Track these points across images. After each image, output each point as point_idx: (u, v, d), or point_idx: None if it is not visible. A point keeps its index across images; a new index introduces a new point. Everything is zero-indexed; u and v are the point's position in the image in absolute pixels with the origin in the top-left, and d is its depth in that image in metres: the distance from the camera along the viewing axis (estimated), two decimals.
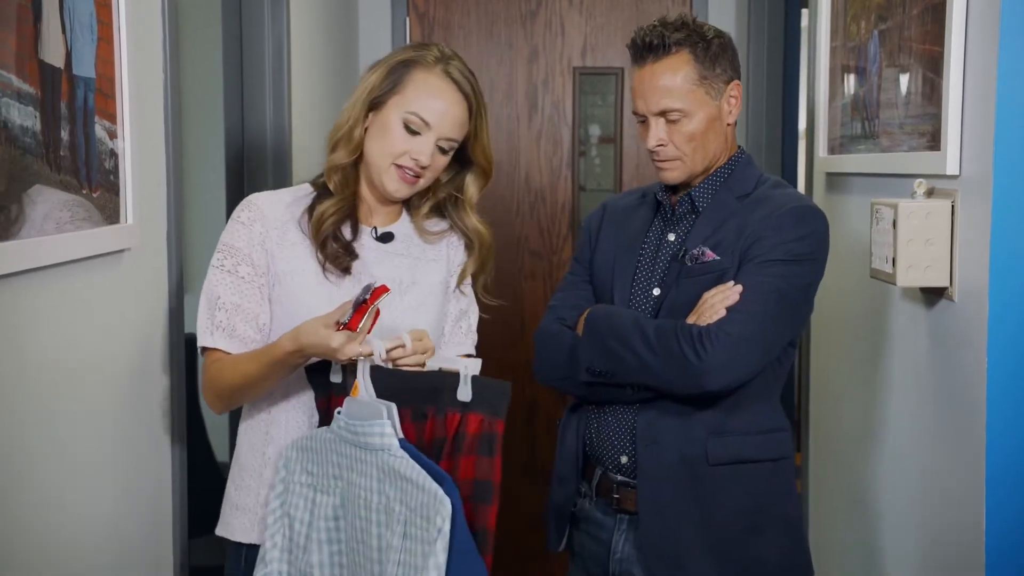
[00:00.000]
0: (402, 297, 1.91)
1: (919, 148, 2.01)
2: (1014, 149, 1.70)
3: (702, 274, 1.93)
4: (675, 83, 1.94)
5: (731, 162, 2.03)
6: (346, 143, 1.87)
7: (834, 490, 2.74)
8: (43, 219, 1.48)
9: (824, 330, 2.82)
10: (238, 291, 1.82)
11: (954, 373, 1.90)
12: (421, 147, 1.85)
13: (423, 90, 1.86)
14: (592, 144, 3.90)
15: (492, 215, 2.13)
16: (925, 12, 1.98)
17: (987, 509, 1.75)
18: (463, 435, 1.71)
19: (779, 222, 1.91)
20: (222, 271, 1.83)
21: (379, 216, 1.95)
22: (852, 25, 2.46)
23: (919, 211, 1.88)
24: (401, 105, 1.85)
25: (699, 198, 2.01)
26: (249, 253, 1.83)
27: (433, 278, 1.97)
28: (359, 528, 1.65)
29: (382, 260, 1.92)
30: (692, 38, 1.95)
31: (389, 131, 1.85)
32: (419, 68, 1.88)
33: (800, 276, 1.91)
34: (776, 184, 2.03)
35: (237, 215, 1.87)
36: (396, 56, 1.92)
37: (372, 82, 1.88)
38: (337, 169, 1.88)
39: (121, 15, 1.74)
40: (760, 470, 1.97)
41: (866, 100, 2.35)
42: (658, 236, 2.05)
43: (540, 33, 3.85)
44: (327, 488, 1.70)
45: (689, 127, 1.95)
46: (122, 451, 1.81)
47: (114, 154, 1.73)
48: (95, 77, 1.66)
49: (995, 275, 1.73)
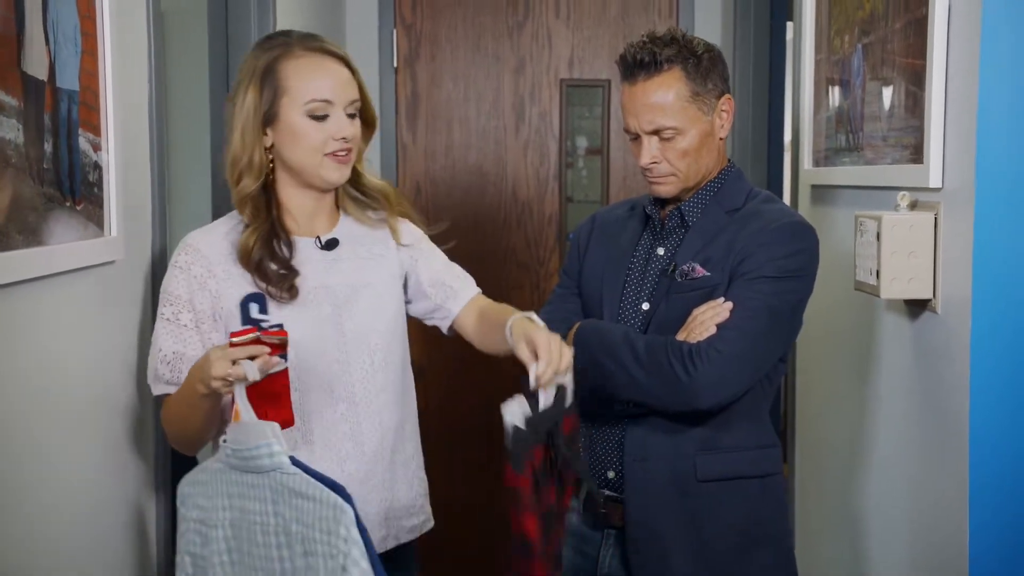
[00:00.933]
0: (359, 300, 1.90)
1: (902, 161, 2.02)
2: (996, 162, 1.72)
3: (692, 290, 1.92)
4: (667, 101, 1.92)
5: (721, 176, 2.02)
6: (249, 171, 1.84)
7: (820, 502, 2.74)
8: (26, 232, 1.48)
9: (809, 342, 2.82)
10: (180, 339, 1.80)
11: (938, 385, 1.91)
12: (337, 125, 1.85)
13: (306, 75, 1.83)
14: (579, 156, 3.91)
15: (479, 226, 2.14)
16: (908, 26, 1.99)
17: (971, 520, 1.76)
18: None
19: (769, 238, 1.90)
20: (163, 320, 1.82)
21: (319, 223, 1.94)
22: (836, 39, 2.48)
23: (903, 223, 1.89)
24: (295, 102, 1.83)
25: (689, 212, 2.00)
26: (189, 299, 1.81)
27: (384, 273, 1.97)
28: (260, 556, 1.63)
29: (330, 269, 1.90)
30: (683, 54, 1.93)
31: (300, 131, 1.83)
32: (286, 60, 1.84)
33: (790, 292, 1.91)
34: (767, 199, 2.01)
35: (175, 259, 1.84)
36: (252, 67, 1.85)
37: (250, 103, 1.83)
38: (247, 199, 1.85)
39: (105, 27, 1.74)
40: (750, 486, 1.96)
41: (850, 113, 2.37)
42: (647, 250, 2.04)
43: (527, 45, 3.86)
44: (217, 521, 1.68)
45: (683, 144, 1.94)
46: (106, 463, 1.80)
47: (98, 167, 1.73)
48: (79, 89, 1.65)
49: (978, 287, 1.74)
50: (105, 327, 1.80)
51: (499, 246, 3.89)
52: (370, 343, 1.91)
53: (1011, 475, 1.75)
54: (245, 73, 1.86)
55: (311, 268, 1.88)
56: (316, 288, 1.87)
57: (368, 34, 3.82)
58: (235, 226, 1.88)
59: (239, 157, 1.85)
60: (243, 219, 1.86)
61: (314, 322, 1.85)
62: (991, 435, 1.75)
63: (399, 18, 3.83)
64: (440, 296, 2.06)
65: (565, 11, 3.84)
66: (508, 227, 3.90)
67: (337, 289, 1.89)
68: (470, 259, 3.88)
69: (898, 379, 2.11)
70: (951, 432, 1.84)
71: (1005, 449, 1.74)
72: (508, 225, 3.90)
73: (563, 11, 3.84)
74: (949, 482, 1.84)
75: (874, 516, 2.29)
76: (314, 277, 1.88)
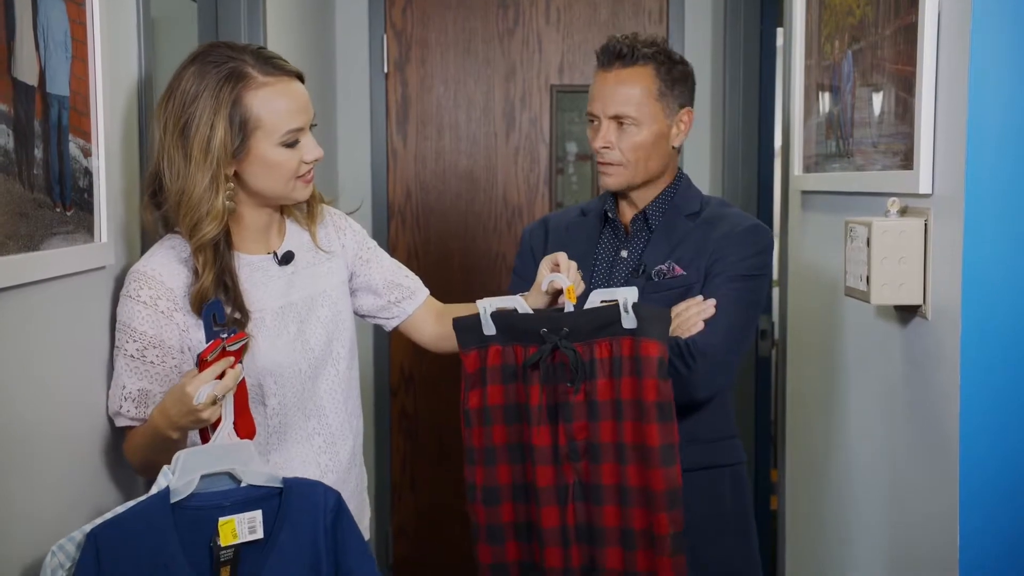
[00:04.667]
0: (318, 311, 1.89)
1: (892, 167, 2.03)
2: (985, 168, 1.72)
3: (670, 289, 2.04)
4: (634, 92, 2.06)
5: (675, 183, 2.15)
6: (213, 217, 1.72)
7: (809, 506, 2.74)
8: (16, 238, 1.47)
9: (800, 347, 2.83)
10: (146, 376, 1.74)
11: (927, 390, 1.91)
12: (308, 148, 1.79)
13: (277, 106, 1.74)
14: (569, 161, 3.91)
15: (469, 231, 2.16)
16: (898, 33, 2.00)
17: (961, 527, 1.76)
18: (640, 359, 1.78)
19: (740, 240, 2.05)
20: (126, 356, 1.74)
21: (272, 238, 1.90)
22: (826, 44, 2.48)
23: (893, 229, 1.89)
24: (270, 135, 1.74)
25: (652, 216, 2.12)
26: (156, 335, 1.73)
27: (335, 279, 1.96)
28: None
29: (290, 285, 1.87)
30: (659, 56, 2.08)
31: (274, 162, 1.76)
32: (249, 89, 1.73)
33: (760, 288, 2.07)
34: (721, 203, 2.17)
35: (135, 294, 1.74)
36: (214, 97, 1.71)
37: (220, 141, 1.70)
38: (206, 245, 1.74)
39: (96, 33, 1.74)
40: (721, 475, 2.09)
41: (840, 119, 2.37)
42: (609, 253, 2.14)
43: (518, 50, 3.86)
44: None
45: (637, 137, 2.06)
46: (96, 469, 1.79)
47: (88, 172, 1.72)
48: (69, 95, 1.65)
49: (967, 293, 1.74)
50: (95, 332, 1.79)
51: (489, 251, 3.89)
52: (334, 352, 1.91)
53: (1001, 481, 1.75)
54: (203, 102, 1.71)
55: (273, 288, 1.85)
56: (281, 308, 1.85)
57: (358, 39, 3.82)
58: (186, 248, 1.78)
59: (198, 202, 1.71)
60: (194, 260, 1.74)
61: (284, 345, 1.84)
62: (981, 441, 1.75)
63: (389, 23, 3.83)
64: (393, 296, 2.06)
65: (555, 17, 3.85)
66: (498, 232, 3.90)
67: (299, 304, 1.88)
68: (460, 264, 3.92)
69: (888, 385, 2.12)
70: (941, 438, 1.84)
71: (995, 455, 1.75)
72: (498, 230, 3.90)
73: (553, 17, 3.85)
74: (939, 488, 1.85)
75: (863, 520, 2.29)
76: (276, 297, 1.85)
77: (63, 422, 1.67)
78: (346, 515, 1.69)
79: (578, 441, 1.83)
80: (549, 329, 1.82)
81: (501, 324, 1.87)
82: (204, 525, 1.59)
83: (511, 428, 1.88)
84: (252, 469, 1.64)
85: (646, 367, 1.77)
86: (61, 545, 1.52)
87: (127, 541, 1.52)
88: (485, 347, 1.88)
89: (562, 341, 1.81)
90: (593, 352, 1.81)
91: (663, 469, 1.77)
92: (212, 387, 1.59)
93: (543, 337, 1.83)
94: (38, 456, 1.59)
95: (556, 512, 1.84)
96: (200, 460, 1.60)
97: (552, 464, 1.84)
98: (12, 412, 1.51)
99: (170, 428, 1.65)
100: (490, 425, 1.88)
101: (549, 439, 1.84)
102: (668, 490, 1.77)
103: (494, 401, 1.87)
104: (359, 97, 3.84)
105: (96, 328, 1.79)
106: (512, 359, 1.87)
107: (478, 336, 1.88)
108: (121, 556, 1.51)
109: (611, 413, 1.81)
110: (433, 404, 3.92)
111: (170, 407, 1.64)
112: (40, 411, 1.59)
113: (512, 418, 1.88)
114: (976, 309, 1.74)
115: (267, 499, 1.64)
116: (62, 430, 1.67)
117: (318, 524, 1.65)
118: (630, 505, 1.80)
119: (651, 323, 1.78)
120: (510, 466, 1.89)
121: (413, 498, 3.92)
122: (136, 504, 1.56)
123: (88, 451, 1.76)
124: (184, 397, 1.60)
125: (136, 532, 1.53)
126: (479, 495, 1.90)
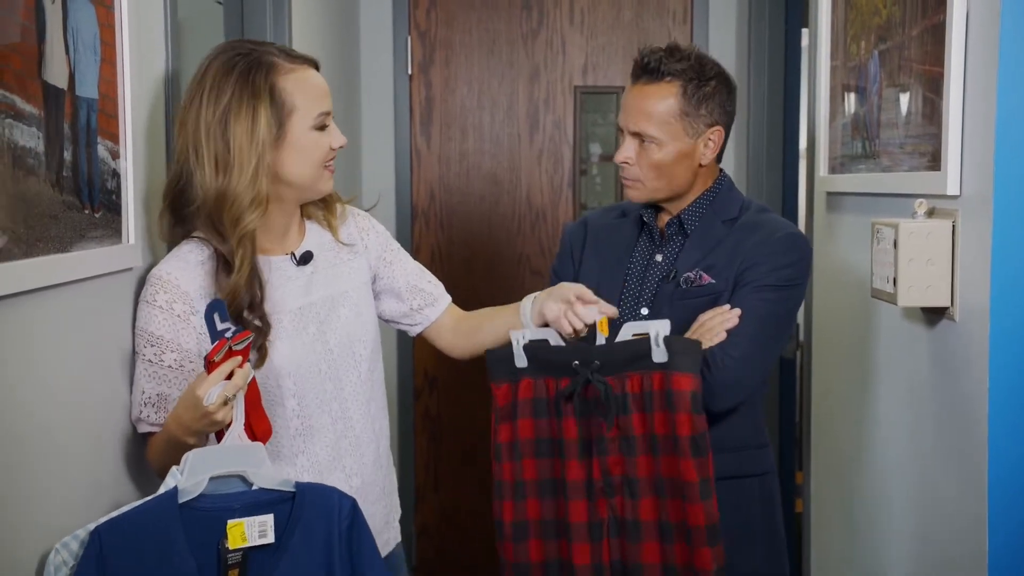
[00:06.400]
0: (339, 312, 1.88)
1: (919, 168, 2.02)
2: (1014, 169, 1.71)
3: (697, 296, 1.99)
4: (656, 111, 1.99)
5: (715, 187, 2.09)
6: (256, 205, 1.73)
7: (835, 509, 2.73)
8: (45, 240, 1.48)
9: (825, 349, 2.81)
10: (164, 381, 1.74)
11: (955, 393, 1.90)
12: (335, 134, 1.83)
13: (306, 88, 1.78)
14: (593, 163, 3.91)
15: (493, 233, 2.15)
16: (925, 33, 1.99)
17: (990, 529, 1.75)
18: (672, 392, 1.76)
19: (772, 248, 1.97)
20: (144, 361, 1.74)
21: (290, 239, 1.89)
22: (852, 45, 2.47)
23: (920, 231, 1.88)
24: (304, 118, 1.77)
25: (688, 221, 2.07)
26: (173, 339, 1.73)
27: (356, 279, 1.95)
28: None
29: (309, 285, 1.86)
30: (688, 73, 1.99)
31: (308, 145, 1.78)
32: (282, 73, 1.76)
33: (790, 300, 2.00)
34: (760, 209, 2.09)
35: (151, 298, 1.74)
36: (248, 85, 1.73)
37: (262, 129, 1.72)
38: (247, 236, 1.74)
39: (124, 36, 1.75)
40: (749, 485, 2.04)
41: (866, 120, 2.36)
42: (645, 256, 2.10)
43: (541, 52, 3.87)
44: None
45: (657, 156, 2.00)
46: (121, 468, 1.80)
47: (116, 174, 1.74)
48: (98, 97, 1.66)
49: (996, 295, 1.73)
50: (123, 333, 1.80)
51: (513, 253, 3.89)
52: (356, 353, 1.90)
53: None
54: (239, 92, 1.73)
55: (291, 289, 1.84)
56: (299, 309, 1.84)
57: (383, 40, 3.83)
58: (203, 252, 1.78)
59: (242, 193, 1.72)
60: (234, 257, 1.73)
61: (303, 347, 1.83)
62: (1010, 444, 1.74)
63: (413, 24, 3.84)
64: (417, 301, 2.05)
65: (579, 18, 3.85)
66: (522, 234, 3.90)
67: (318, 305, 1.86)
68: (484, 265, 3.92)
69: (915, 387, 2.10)
70: (969, 440, 1.83)
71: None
72: (522, 232, 3.90)
73: (577, 18, 3.85)
74: (968, 491, 1.84)
75: (889, 523, 2.28)
76: (295, 298, 1.84)
77: (90, 420, 1.68)
78: (361, 521, 1.66)
79: (613, 476, 1.82)
80: (580, 362, 1.81)
81: (533, 356, 1.85)
82: (212, 526, 1.56)
83: (542, 462, 1.86)
84: (263, 472, 1.61)
85: (679, 401, 1.76)
86: (65, 543, 1.51)
87: (132, 539, 1.50)
88: (517, 380, 1.86)
89: (594, 375, 1.79)
90: (624, 386, 1.80)
91: (703, 504, 1.76)
92: (222, 387, 1.58)
93: (575, 370, 1.81)
94: (62, 457, 1.60)
95: (589, 549, 1.83)
96: (209, 460, 1.58)
97: (586, 499, 1.83)
98: (42, 411, 1.52)
99: (185, 434, 1.64)
100: (520, 460, 1.86)
101: (583, 474, 1.83)
102: (708, 525, 1.76)
103: (525, 435, 1.86)
104: (383, 99, 3.85)
105: (124, 329, 1.81)
106: (544, 392, 1.85)
107: (510, 368, 1.86)
108: (126, 554, 1.49)
109: (646, 448, 1.80)
110: (457, 406, 3.92)
111: (183, 413, 1.63)
112: (67, 410, 1.60)
113: (544, 452, 1.86)
114: (1005, 311, 1.73)
115: (279, 503, 1.61)
116: (89, 430, 1.68)
117: (332, 530, 1.62)
118: (671, 542, 1.80)
119: (682, 356, 1.77)
120: (540, 501, 1.87)
121: (437, 499, 3.92)
122: (143, 503, 1.55)
123: (112, 454, 1.77)
124: (195, 400, 1.58)
125: (142, 530, 1.51)
126: (508, 531, 1.88)
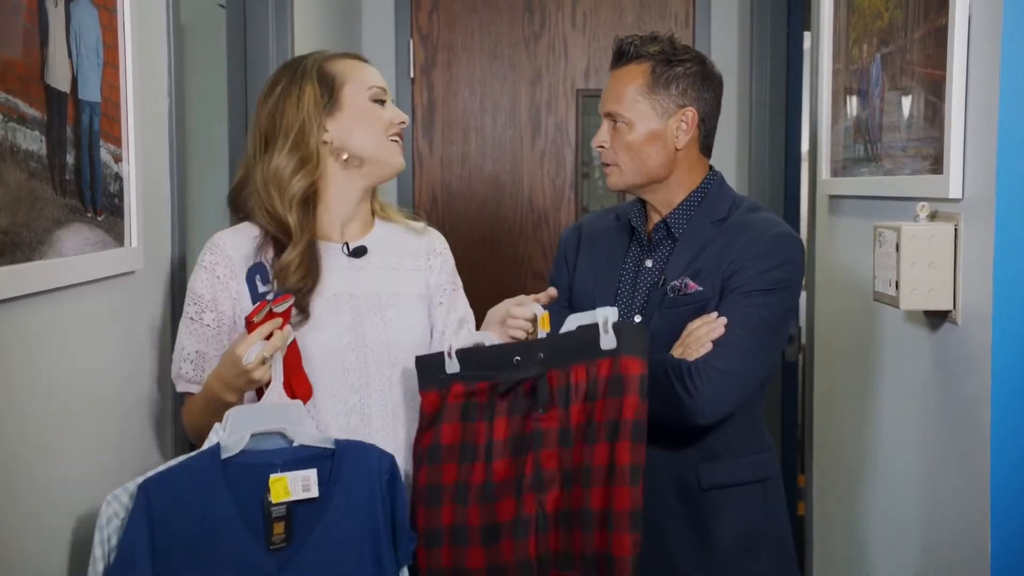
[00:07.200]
0: (384, 311, 1.86)
1: (922, 171, 2.02)
2: (1017, 172, 1.71)
3: (684, 305, 1.93)
4: (624, 91, 2.01)
5: (704, 185, 2.03)
6: (303, 167, 1.81)
7: (837, 512, 2.73)
8: (48, 243, 1.49)
9: (827, 353, 2.81)
10: (203, 339, 1.80)
11: (958, 396, 1.90)
12: (394, 111, 1.89)
13: (358, 68, 1.88)
14: (595, 165, 3.91)
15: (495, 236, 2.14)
16: (927, 36, 1.99)
17: (992, 533, 1.75)
18: (620, 377, 1.69)
19: (759, 251, 1.91)
20: (187, 319, 1.82)
21: (351, 229, 1.90)
22: (854, 48, 2.47)
23: (922, 234, 1.88)
24: (358, 87, 1.85)
25: (675, 225, 2.01)
26: (213, 299, 1.80)
27: (414, 289, 1.93)
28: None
29: (355, 277, 1.86)
30: (659, 55, 2.00)
31: (368, 112, 1.85)
32: (329, 62, 1.87)
33: (780, 304, 1.92)
34: (751, 208, 2.03)
35: (201, 260, 1.83)
36: (297, 71, 1.85)
37: (310, 97, 1.82)
38: (295, 202, 1.80)
39: (127, 40, 1.75)
40: (750, 492, 1.98)
41: (868, 123, 2.36)
42: (636, 263, 2.05)
43: (543, 55, 3.87)
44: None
45: (628, 136, 2.00)
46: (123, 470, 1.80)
47: (119, 177, 1.74)
48: (100, 101, 1.66)
49: (998, 298, 1.73)
50: (125, 337, 1.80)
51: (515, 255, 3.90)
52: (391, 356, 1.85)
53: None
54: (288, 80, 1.84)
55: (334, 276, 1.84)
56: (337, 296, 1.83)
57: (384, 43, 3.83)
58: (258, 229, 1.84)
59: (286, 158, 1.80)
60: (290, 227, 1.80)
61: (329, 333, 1.81)
62: (1012, 447, 1.74)
63: (415, 27, 3.85)
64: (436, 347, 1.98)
65: (581, 21, 3.85)
66: (524, 236, 3.90)
67: (361, 298, 1.85)
68: (486, 268, 3.92)
69: (918, 391, 2.10)
70: (972, 444, 1.83)
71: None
72: (524, 234, 3.90)
73: (579, 21, 3.85)
74: (970, 494, 1.83)
75: (891, 527, 2.28)
76: (335, 284, 1.84)
77: (94, 425, 1.69)
78: (399, 479, 1.72)
79: (545, 470, 1.73)
80: (523, 357, 1.74)
81: (470, 361, 1.77)
82: (255, 481, 1.62)
83: (463, 468, 1.77)
84: (303, 430, 1.67)
85: (628, 385, 1.68)
86: (116, 495, 1.57)
87: (178, 493, 1.57)
88: (447, 386, 1.78)
89: (532, 367, 1.73)
90: (569, 378, 1.72)
91: (630, 488, 1.67)
92: (260, 347, 1.63)
93: (516, 366, 1.75)
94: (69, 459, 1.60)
95: (513, 546, 1.73)
96: (250, 418, 1.64)
97: (513, 496, 1.73)
98: (44, 416, 1.52)
99: (225, 390, 1.69)
100: (439, 463, 1.77)
101: (514, 472, 1.74)
102: (632, 510, 1.67)
103: (447, 440, 1.77)
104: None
105: (127, 332, 1.81)
106: (475, 396, 1.77)
107: (438, 374, 1.78)
108: (172, 507, 1.56)
109: (582, 437, 1.71)
110: None
111: (224, 370, 1.69)
112: (70, 415, 1.61)
113: (467, 458, 1.77)
114: (1007, 314, 1.73)
115: (319, 459, 1.66)
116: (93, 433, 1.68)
117: (374, 485, 1.68)
118: (590, 529, 1.70)
119: (630, 340, 1.70)
120: (453, 506, 1.76)
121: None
122: (187, 459, 1.61)
123: (120, 454, 1.78)
124: (235, 359, 1.64)
125: (187, 484, 1.58)
126: (421, 539, 1.76)
